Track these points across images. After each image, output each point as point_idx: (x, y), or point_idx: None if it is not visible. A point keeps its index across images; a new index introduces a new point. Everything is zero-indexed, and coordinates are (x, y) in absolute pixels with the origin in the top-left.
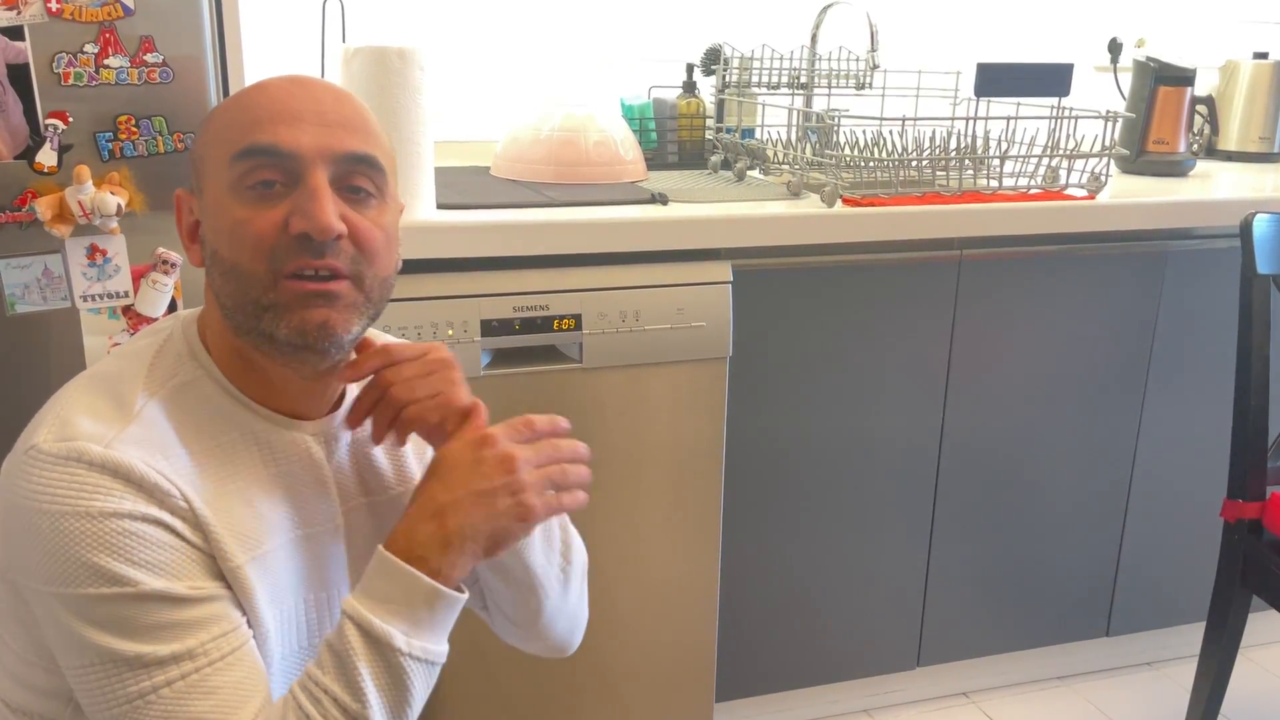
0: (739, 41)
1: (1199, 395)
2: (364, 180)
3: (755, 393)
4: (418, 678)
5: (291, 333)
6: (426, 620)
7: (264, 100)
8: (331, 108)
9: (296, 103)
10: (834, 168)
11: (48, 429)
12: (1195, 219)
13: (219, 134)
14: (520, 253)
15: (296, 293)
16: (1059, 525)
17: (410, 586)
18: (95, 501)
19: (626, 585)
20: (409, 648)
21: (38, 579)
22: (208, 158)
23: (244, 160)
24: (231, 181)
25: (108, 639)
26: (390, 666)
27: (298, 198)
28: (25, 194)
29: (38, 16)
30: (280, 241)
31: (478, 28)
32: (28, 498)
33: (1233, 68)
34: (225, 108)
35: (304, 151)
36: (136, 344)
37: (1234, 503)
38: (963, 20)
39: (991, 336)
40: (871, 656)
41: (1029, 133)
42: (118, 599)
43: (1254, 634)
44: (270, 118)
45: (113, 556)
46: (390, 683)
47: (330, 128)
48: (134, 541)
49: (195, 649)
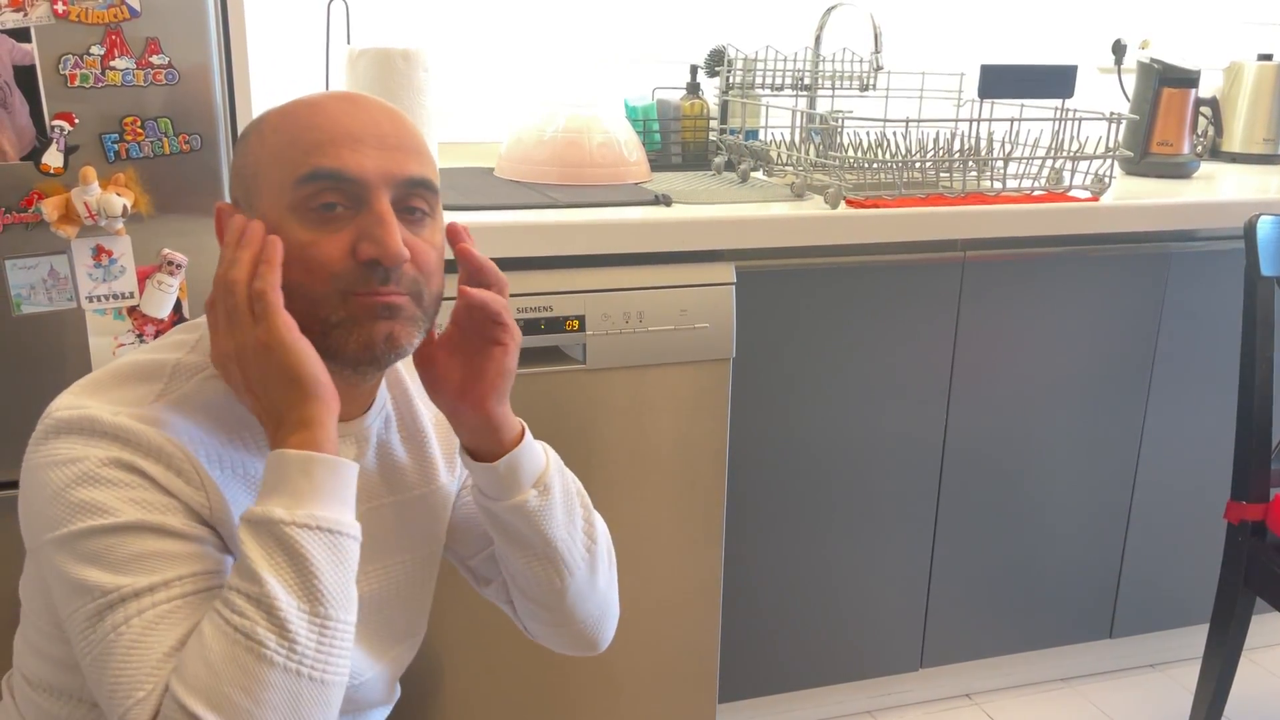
0: (743, 43)
1: (1203, 397)
2: (421, 202)
3: (758, 394)
4: (315, 547)
5: (360, 348)
6: (306, 490)
7: (324, 121)
8: (390, 130)
9: (356, 125)
10: (838, 169)
11: (64, 400)
12: (1199, 221)
13: (276, 153)
14: (524, 254)
15: (365, 305)
16: (1062, 527)
17: (281, 464)
18: (96, 451)
19: (629, 586)
20: (292, 517)
21: (39, 532)
22: (263, 175)
23: (309, 184)
24: (294, 203)
25: (89, 572)
26: (280, 540)
27: (364, 223)
28: (31, 195)
29: (44, 18)
30: (347, 266)
31: (482, 29)
32: (36, 459)
33: (1237, 69)
34: (277, 125)
35: (369, 176)
36: (175, 337)
37: (1238, 504)
38: (966, 22)
39: (995, 338)
40: (874, 658)
41: (1033, 134)
42: (100, 531)
43: (1257, 636)
44: (332, 140)
45: (98, 489)
46: (286, 559)
47: (390, 151)
48: (124, 482)
49: (172, 580)
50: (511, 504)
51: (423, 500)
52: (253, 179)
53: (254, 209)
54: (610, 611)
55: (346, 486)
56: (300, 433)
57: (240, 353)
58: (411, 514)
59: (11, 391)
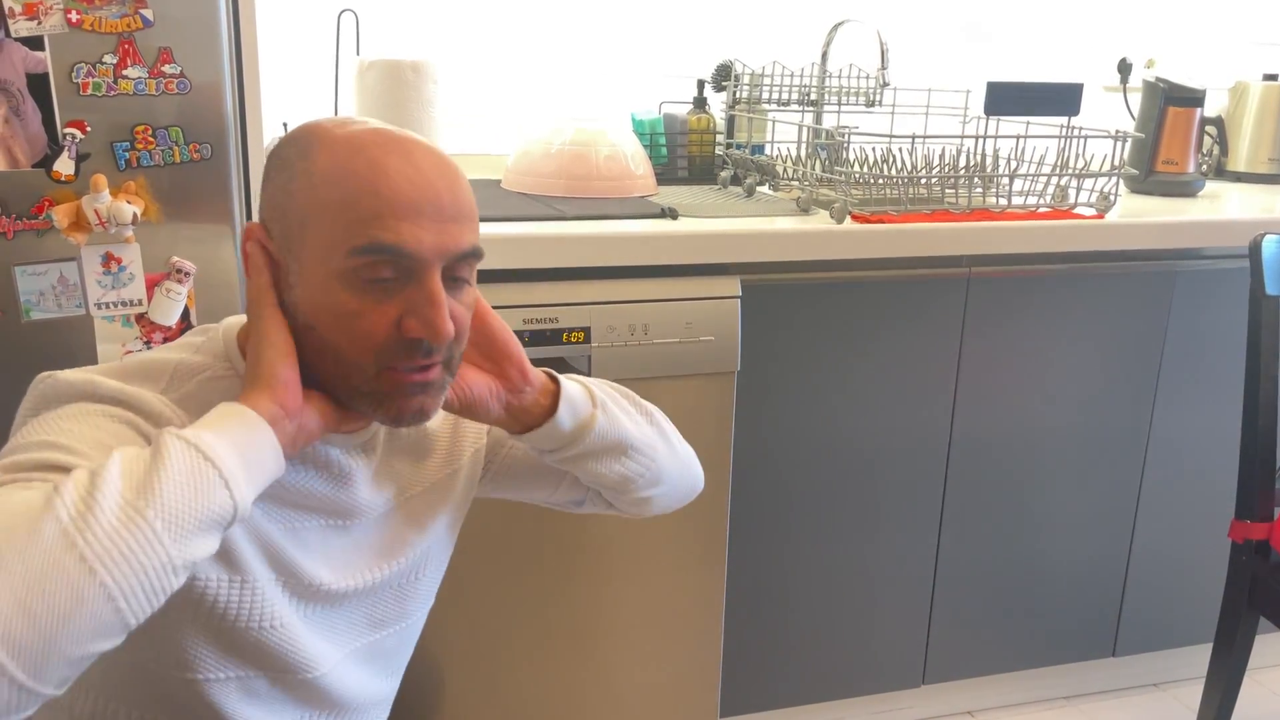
0: (750, 58)
1: (1207, 416)
2: (466, 270)
3: (763, 407)
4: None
5: (388, 419)
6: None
7: (384, 188)
8: (449, 200)
9: (417, 193)
10: (843, 184)
11: (65, 371)
12: (1204, 239)
13: (331, 211)
14: (530, 266)
15: (397, 384)
16: (1066, 544)
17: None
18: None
19: (632, 599)
20: (179, 433)
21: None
22: (311, 228)
23: (363, 256)
24: (344, 270)
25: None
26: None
27: (414, 299)
28: (43, 202)
29: (58, 27)
30: (391, 340)
31: (490, 42)
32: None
33: (1242, 89)
34: (332, 177)
35: (425, 253)
36: (185, 339)
37: (1242, 523)
38: (973, 39)
39: (999, 354)
40: (877, 674)
41: (1038, 151)
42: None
43: (1261, 656)
44: (393, 211)
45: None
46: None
47: (447, 224)
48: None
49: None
50: (587, 438)
51: (430, 493)
52: (299, 226)
53: (296, 257)
54: (693, 456)
55: (249, 439)
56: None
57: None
58: (421, 508)
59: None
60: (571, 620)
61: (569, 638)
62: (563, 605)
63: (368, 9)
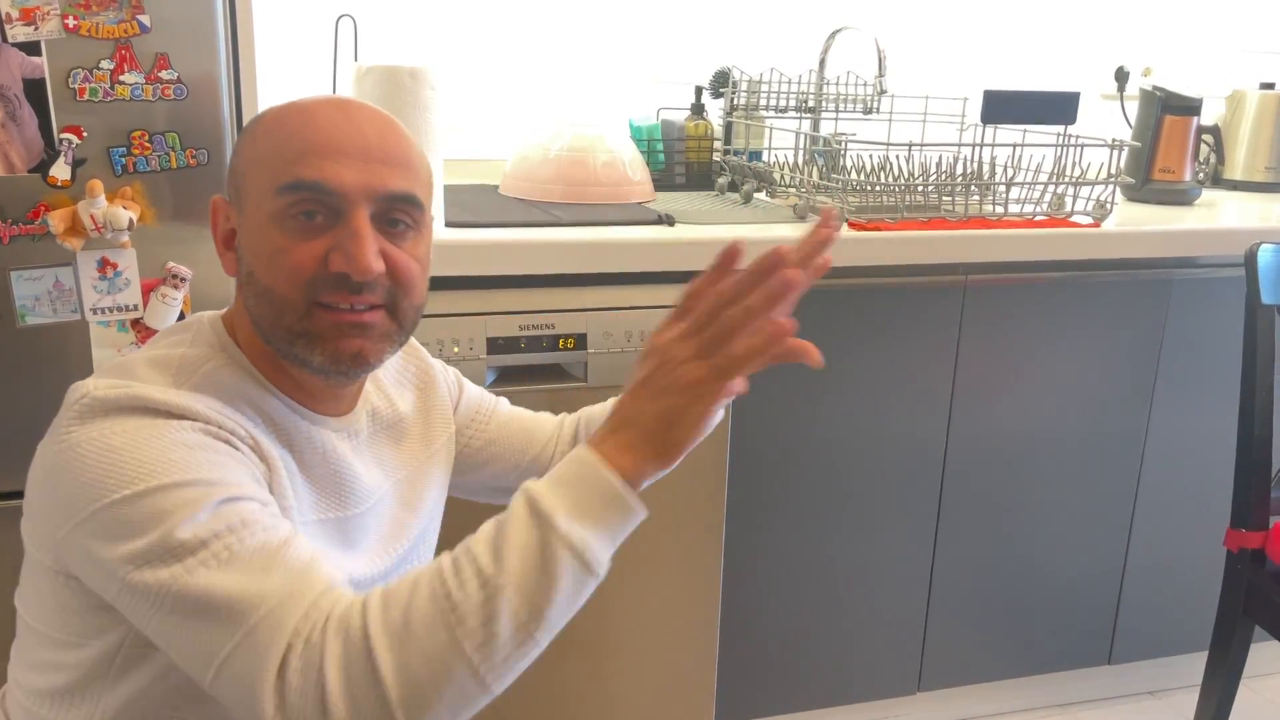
0: (748, 65)
1: (1203, 424)
2: (403, 215)
3: (759, 415)
4: (566, 571)
5: (325, 360)
6: (598, 517)
7: (310, 131)
8: (376, 142)
9: (342, 135)
10: (840, 191)
11: (91, 382)
12: (1200, 248)
13: (263, 157)
14: (527, 271)
15: (331, 323)
16: (1062, 552)
17: (584, 473)
18: (170, 422)
19: (627, 606)
20: (568, 531)
21: (82, 504)
22: (249, 177)
23: (288, 193)
24: (274, 211)
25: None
26: (544, 546)
27: (339, 235)
28: (38, 207)
29: (54, 32)
30: (318, 274)
31: (489, 47)
32: (92, 434)
33: (1239, 98)
34: (268, 128)
35: (347, 190)
36: (168, 338)
37: (1237, 532)
38: (970, 47)
39: (996, 362)
40: (873, 681)
41: (1035, 159)
42: (190, 484)
43: (1256, 664)
44: (316, 150)
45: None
46: (538, 563)
47: (373, 164)
48: (208, 446)
49: (248, 519)
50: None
51: (415, 474)
52: (242, 179)
53: (241, 210)
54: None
55: (625, 533)
56: (625, 456)
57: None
58: (409, 490)
59: (14, 402)
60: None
61: (563, 643)
62: None
63: (366, 14)
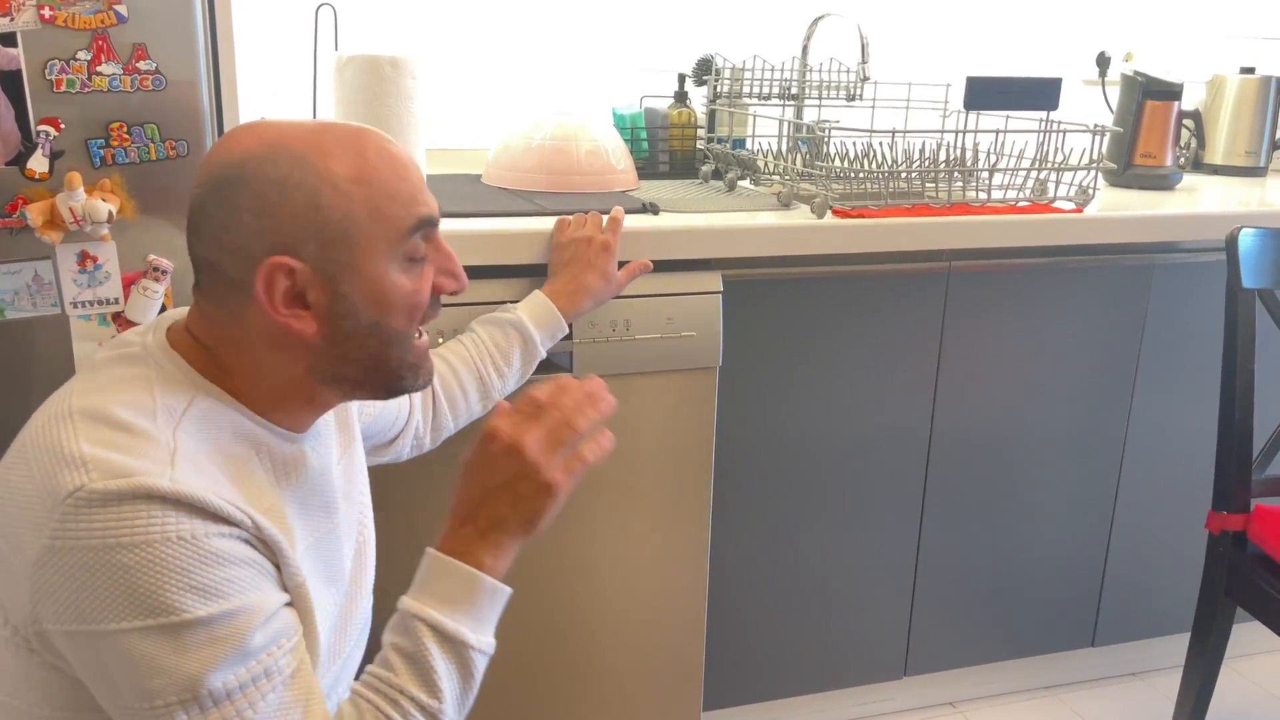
0: (731, 52)
1: (1185, 407)
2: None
3: (744, 402)
4: (479, 669)
5: (421, 382)
6: (489, 616)
7: (403, 170)
8: (418, 172)
9: (411, 167)
10: (824, 179)
11: (79, 471)
12: (1182, 233)
13: (375, 207)
14: (511, 261)
15: (423, 348)
16: (1045, 536)
17: (474, 586)
18: (181, 527)
19: (615, 594)
20: (478, 644)
21: (113, 618)
22: (360, 230)
23: (417, 234)
24: (403, 255)
25: (196, 661)
26: (463, 662)
27: (439, 261)
28: (16, 200)
29: (30, 23)
30: (427, 303)
31: (470, 36)
32: (93, 537)
33: (1219, 82)
34: (358, 176)
35: (438, 216)
36: (112, 374)
37: (1219, 515)
38: (953, 34)
39: (979, 348)
40: (859, 666)
41: (1018, 146)
42: (213, 620)
43: (1238, 645)
44: (419, 187)
45: (208, 573)
46: (461, 677)
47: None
48: (222, 559)
49: (271, 668)
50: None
51: (345, 460)
52: (342, 235)
53: (346, 264)
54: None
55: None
56: (498, 556)
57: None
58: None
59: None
60: (553, 614)
61: (551, 631)
62: (544, 598)
63: (346, 3)
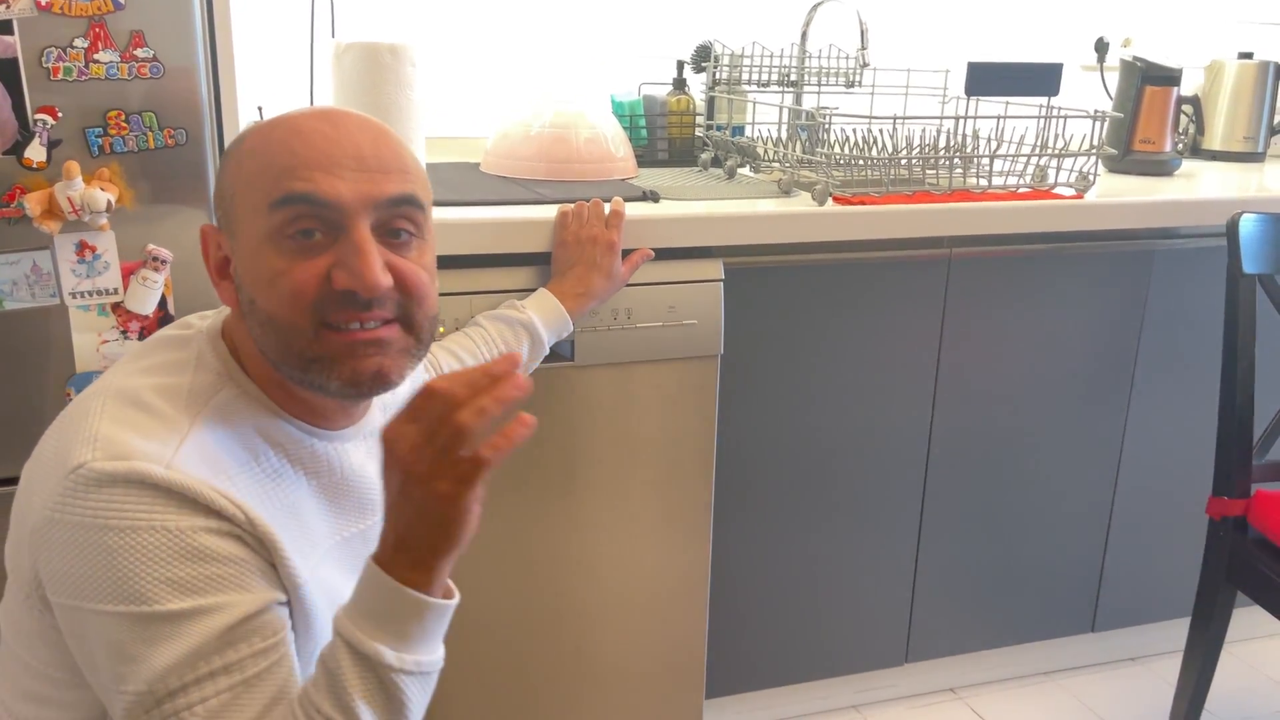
0: (729, 39)
1: (1185, 393)
2: (406, 223)
3: (746, 390)
4: (412, 689)
5: (344, 384)
6: (417, 634)
7: (298, 144)
8: (369, 150)
9: (333, 146)
10: (824, 166)
11: (90, 447)
12: (1181, 218)
13: (251, 176)
14: (510, 250)
15: (343, 344)
16: (1046, 522)
17: (398, 602)
18: (168, 518)
19: (617, 582)
20: (400, 663)
21: (91, 598)
22: (238, 199)
23: (281, 209)
24: (269, 230)
25: (161, 654)
26: (382, 684)
27: (341, 250)
28: (14, 189)
29: (26, 10)
30: (323, 294)
31: (469, 24)
32: (86, 515)
33: (1218, 68)
34: (253, 147)
35: (345, 201)
36: (160, 357)
37: (1219, 500)
38: (952, 19)
39: (980, 334)
40: (860, 652)
41: (1018, 132)
42: (183, 615)
43: (1238, 629)
44: (306, 163)
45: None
46: (384, 700)
47: (368, 172)
48: (204, 556)
49: (233, 666)
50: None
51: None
52: (230, 202)
53: (233, 235)
54: None
55: (446, 622)
56: (419, 572)
57: (418, 472)
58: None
59: None
60: (555, 601)
61: (553, 619)
62: (547, 585)
63: None
